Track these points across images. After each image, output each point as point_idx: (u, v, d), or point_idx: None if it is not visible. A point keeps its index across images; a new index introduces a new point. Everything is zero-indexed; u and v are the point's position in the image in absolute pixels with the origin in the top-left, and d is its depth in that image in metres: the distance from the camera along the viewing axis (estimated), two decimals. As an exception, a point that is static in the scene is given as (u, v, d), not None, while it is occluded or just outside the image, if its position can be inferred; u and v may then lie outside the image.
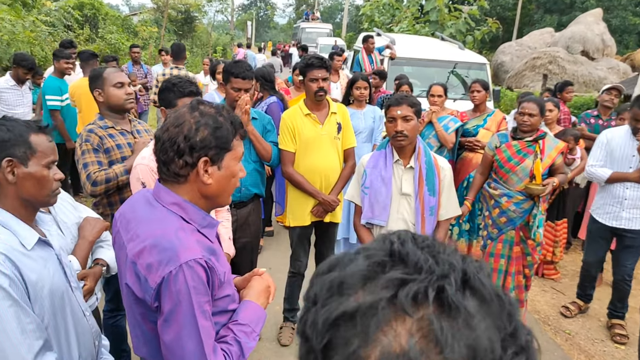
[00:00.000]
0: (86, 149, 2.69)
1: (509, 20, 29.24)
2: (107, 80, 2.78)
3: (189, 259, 1.32)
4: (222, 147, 1.41)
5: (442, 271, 0.51)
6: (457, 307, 0.49)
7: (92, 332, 1.76)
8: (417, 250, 0.54)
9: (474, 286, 0.51)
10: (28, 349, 1.42)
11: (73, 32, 13.22)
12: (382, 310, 0.49)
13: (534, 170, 3.58)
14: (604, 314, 4.26)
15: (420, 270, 0.51)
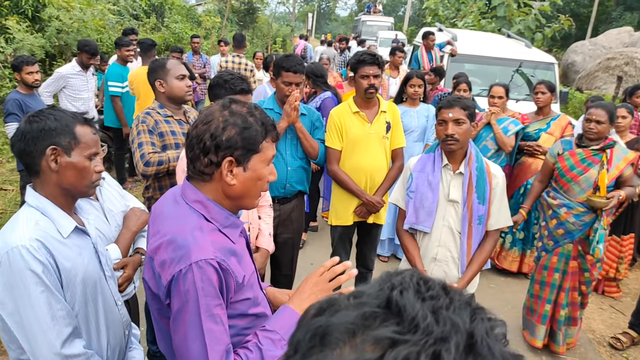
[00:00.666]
0: (142, 130, 2.77)
1: (583, 17, 27.63)
2: (170, 71, 2.86)
3: (200, 259, 1.29)
4: (249, 149, 1.37)
5: (442, 332, 0.45)
6: None
7: (123, 322, 1.78)
8: (416, 303, 0.48)
9: (480, 353, 0.45)
10: (57, 335, 1.45)
11: (140, 20, 13.66)
12: None
13: (598, 182, 3.34)
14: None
15: (415, 329, 0.45)
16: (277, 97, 3.12)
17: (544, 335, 3.67)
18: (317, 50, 17.60)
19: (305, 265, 4.64)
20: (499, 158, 4.60)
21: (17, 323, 1.46)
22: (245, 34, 20.26)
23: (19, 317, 1.45)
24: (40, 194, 1.57)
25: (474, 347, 0.45)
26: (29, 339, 1.45)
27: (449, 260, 2.51)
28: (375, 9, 29.89)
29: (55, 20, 8.10)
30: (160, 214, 1.46)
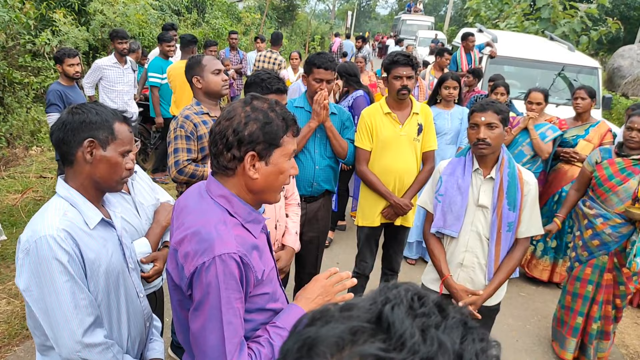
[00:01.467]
0: (179, 135, 2.79)
1: (633, 20, 26.60)
2: (206, 67, 2.92)
3: (223, 252, 1.32)
4: (271, 143, 1.40)
5: (428, 353, 0.44)
6: None
7: (144, 313, 1.82)
8: (406, 320, 0.47)
9: None
10: (79, 324, 1.50)
11: (182, 16, 13.90)
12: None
13: (638, 193, 3.22)
14: None
15: (402, 347, 0.44)
16: (308, 95, 3.12)
17: (575, 348, 3.57)
18: None
19: (332, 264, 4.64)
20: (535, 164, 4.49)
21: (42, 310, 1.51)
22: (283, 32, 20.43)
23: (44, 305, 1.50)
24: (70, 185, 1.62)
25: None
26: (52, 326, 1.50)
27: (476, 266, 2.46)
28: (416, 8, 29.62)
29: (99, 14, 8.34)
30: (185, 208, 1.49)
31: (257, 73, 2.65)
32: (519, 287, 4.71)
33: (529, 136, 4.39)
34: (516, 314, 4.23)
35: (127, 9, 8.52)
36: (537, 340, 3.88)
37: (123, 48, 5.49)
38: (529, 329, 4.02)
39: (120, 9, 8.34)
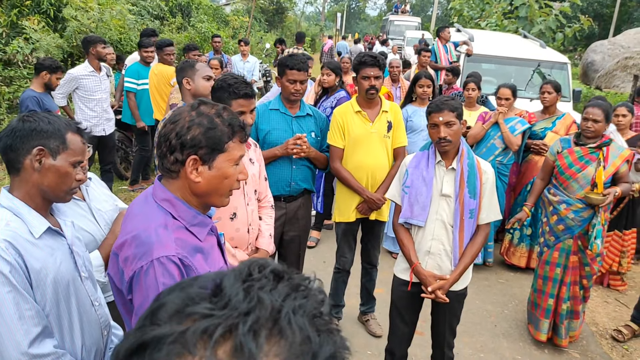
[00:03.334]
0: None
1: (606, 17, 27.22)
2: (198, 71, 3.06)
3: (162, 255, 1.35)
4: (214, 148, 1.44)
5: (246, 308, 0.48)
6: (241, 347, 0.46)
7: (100, 322, 1.77)
8: (236, 284, 0.51)
9: (281, 325, 0.48)
10: (24, 335, 1.46)
11: (166, 20, 13.79)
12: (170, 345, 0.47)
13: (595, 179, 3.47)
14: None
15: (225, 306, 0.49)
16: (283, 97, 3.24)
17: (548, 329, 3.79)
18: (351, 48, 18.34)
19: (318, 263, 4.82)
20: (507, 156, 4.75)
21: None
22: (272, 34, 20.50)
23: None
24: (15, 195, 1.59)
25: (278, 321, 0.48)
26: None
27: (442, 253, 2.63)
28: (403, 9, 29.89)
29: (74, 20, 8.17)
30: (130, 213, 1.54)
31: (224, 77, 2.58)
32: (498, 274, 4.95)
33: (500, 130, 4.65)
34: (495, 300, 4.47)
35: (103, 14, 8.43)
36: (514, 324, 4.11)
37: (106, 53, 5.45)
38: (506, 314, 4.25)
39: (96, 15, 8.24)
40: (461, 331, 3.70)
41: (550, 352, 3.77)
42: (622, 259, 4.68)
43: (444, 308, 2.72)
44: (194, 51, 6.69)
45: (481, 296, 4.48)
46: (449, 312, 2.75)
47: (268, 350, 0.47)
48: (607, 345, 3.94)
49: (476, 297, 4.43)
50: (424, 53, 7.18)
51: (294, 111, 3.26)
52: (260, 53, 16.67)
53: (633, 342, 4.00)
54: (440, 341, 2.84)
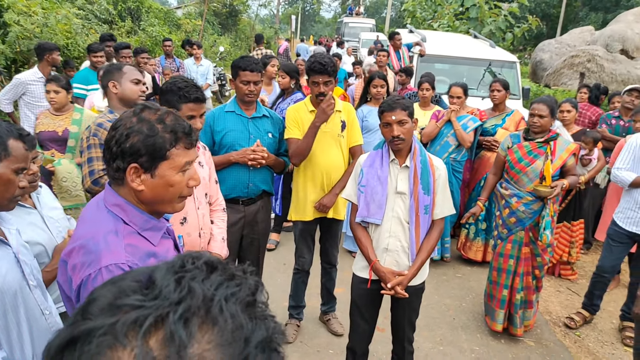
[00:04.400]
0: (93, 143, 2.69)
1: (553, 17, 28.45)
2: (125, 74, 2.88)
3: (110, 263, 1.32)
4: (155, 156, 1.40)
5: (178, 298, 0.49)
6: (172, 335, 0.47)
7: (52, 331, 1.67)
8: (167, 275, 0.52)
9: (213, 313, 0.49)
10: None
11: (115, 24, 13.46)
12: (100, 337, 0.47)
13: (544, 172, 3.59)
14: (618, 316, 4.22)
15: (157, 297, 0.50)
16: (238, 99, 3.21)
17: (503, 319, 3.90)
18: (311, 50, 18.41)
19: (279, 265, 4.81)
20: (460, 153, 4.86)
21: None
22: (226, 38, 20.28)
23: None
24: None
25: (210, 309, 0.49)
26: None
27: (400, 250, 2.67)
28: (357, 11, 30.22)
29: (16, 25, 7.87)
30: (82, 219, 1.49)
31: (174, 80, 2.51)
32: (455, 269, 5.07)
33: (453, 128, 4.76)
34: (453, 294, 4.56)
35: (48, 19, 8.11)
36: (471, 316, 4.21)
37: (58, 60, 5.35)
38: (464, 307, 4.35)
39: (40, 20, 7.93)
40: (421, 325, 3.77)
41: (507, 341, 3.89)
42: (571, 249, 4.87)
43: (404, 303, 2.76)
44: (142, 54, 6.56)
45: (440, 291, 4.57)
46: (408, 307, 2.79)
47: (200, 338, 0.48)
48: (560, 333, 4.09)
49: (435, 291, 4.51)
50: (380, 53, 7.27)
51: (250, 112, 3.23)
52: (214, 56, 16.50)
53: (584, 329, 4.17)
54: (401, 336, 2.87)
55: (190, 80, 2.51)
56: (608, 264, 4.03)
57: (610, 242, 4.02)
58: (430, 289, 4.52)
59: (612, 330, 4.17)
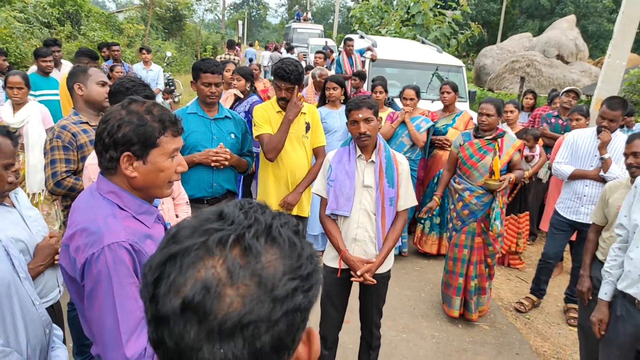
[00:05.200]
0: (56, 145, 2.74)
1: (494, 24, 29.85)
2: (91, 77, 2.89)
3: (112, 242, 1.43)
4: (146, 144, 1.51)
5: (248, 223, 0.66)
6: (249, 248, 0.64)
7: (42, 321, 1.79)
8: (236, 210, 0.69)
9: (273, 235, 0.67)
10: None
11: (54, 29, 13.09)
12: (196, 251, 0.63)
13: (492, 167, 3.87)
14: (562, 300, 4.58)
15: (232, 223, 0.66)
16: (200, 100, 3.28)
17: (460, 305, 4.16)
18: (262, 55, 18.60)
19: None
20: (414, 152, 5.12)
21: None
22: (171, 43, 20.00)
23: None
24: None
25: (270, 231, 0.67)
26: None
27: (367, 239, 2.84)
28: (305, 17, 30.47)
29: None
30: (76, 208, 1.59)
31: (121, 81, 2.57)
32: (413, 262, 5.31)
33: (407, 128, 5.01)
34: (412, 285, 4.80)
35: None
36: (430, 305, 4.46)
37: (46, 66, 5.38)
38: (423, 297, 4.59)
39: None
40: (384, 316, 3.93)
41: (464, 326, 4.14)
42: (519, 239, 5.22)
43: (372, 291, 2.93)
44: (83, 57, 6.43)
45: (400, 283, 4.79)
46: (376, 293, 2.96)
47: (266, 252, 0.65)
48: (511, 317, 4.39)
49: (395, 284, 4.73)
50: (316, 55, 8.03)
51: (212, 114, 3.30)
52: (160, 62, 16.30)
53: (533, 312, 4.49)
54: (369, 322, 3.04)
55: (137, 79, 2.57)
56: (552, 251, 4.37)
57: (553, 231, 4.36)
58: (390, 282, 4.62)
59: (558, 312, 4.52)
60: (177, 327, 0.62)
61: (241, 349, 0.61)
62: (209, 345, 0.61)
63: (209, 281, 0.61)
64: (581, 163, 4.12)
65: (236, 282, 0.62)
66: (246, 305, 0.61)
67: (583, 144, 4.13)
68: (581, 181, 4.09)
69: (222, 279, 0.62)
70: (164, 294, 0.63)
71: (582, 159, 4.12)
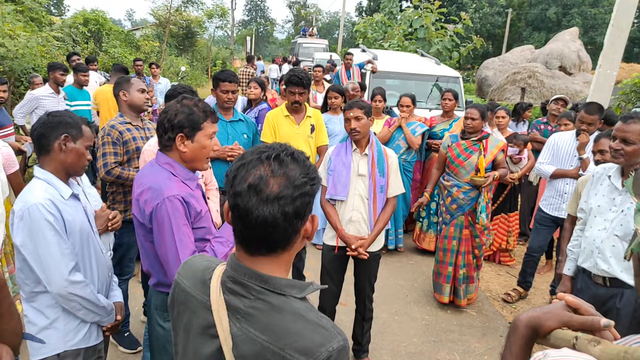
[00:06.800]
0: (107, 141, 3.32)
1: (499, 37, 30.35)
2: (133, 85, 3.48)
3: (170, 195, 1.97)
4: (194, 127, 2.08)
5: (281, 149, 1.13)
6: (282, 160, 1.10)
7: (107, 266, 2.33)
8: (276, 145, 1.16)
9: (295, 155, 1.13)
10: (65, 266, 2.00)
11: (79, 46, 13.94)
12: (251, 163, 1.10)
13: (478, 165, 4.28)
14: (548, 292, 4.94)
15: (273, 149, 1.13)
16: (218, 105, 3.81)
17: (449, 292, 4.53)
18: (270, 68, 19.77)
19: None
20: (410, 154, 5.54)
21: (35, 259, 1.95)
22: (183, 58, 20.75)
23: (37, 254, 1.95)
24: (45, 170, 2.08)
25: (294, 154, 1.12)
26: (45, 269, 1.96)
27: (361, 221, 3.28)
28: (311, 32, 31.12)
29: (0, 47, 8.34)
30: (141, 175, 2.15)
31: (174, 87, 3.29)
32: (409, 257, 5.70)
33: (403, 132, 5.44)
34: (406, 277, 5.19)
35: (29, 41, 8.59)
36: (422, 293, 4.84)
37: (63, 80, 5.93)
38: (416, 287, 4.98)
39: (22, 42, 8.37)
40: (378, 301, 4.37)
41: (453, 311, 4.52)
42: (509, 237, 5.60)
43: (365, 267, 3.36)
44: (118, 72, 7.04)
45: (394, 275, 5.19)
46: (369, 270, 3.39)
47: (291, 163, 1.11)
48: (498, 306, 4.76)
49: (390, 275, 5.13)
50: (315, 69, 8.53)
51: (228, 117, 3.83)
52: (172, 77, 16.98)
53: (520, 303, 4.86)
54: (363, 295, 3.46)
55: (187, 86, 3.23)
56: (536, 245, 4.74)
57: (537, 226, 4.73)
58: (386, 274, 5.13)
59: (544, 304, 4.88)
60: (245, 197, 1.09)
61: (277, 211, 1.08)
62: (261, 207, 1.08)
63: (262, 175, 1.08)
64: (562, 163, 4.49)
65: (275, 176, 1.08)
66: (280, 188, 1.08)
67: (564, 145, 4.51)
68: (562, 180, 4.46)
69: (268, 175, 1.08)
70: (238, 183, 1.10)
71: (563, 160, 4.50)
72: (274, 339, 1.07)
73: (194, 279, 1.24)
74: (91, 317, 2.16)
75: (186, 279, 1.26)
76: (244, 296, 1.11)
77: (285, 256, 1.17)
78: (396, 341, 4.00)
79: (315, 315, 1.12)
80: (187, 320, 1.23)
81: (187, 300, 1.23)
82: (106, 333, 2.31)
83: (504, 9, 30.85)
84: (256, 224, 1.08)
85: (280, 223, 1.08)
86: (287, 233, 1.12)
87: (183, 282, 1.26)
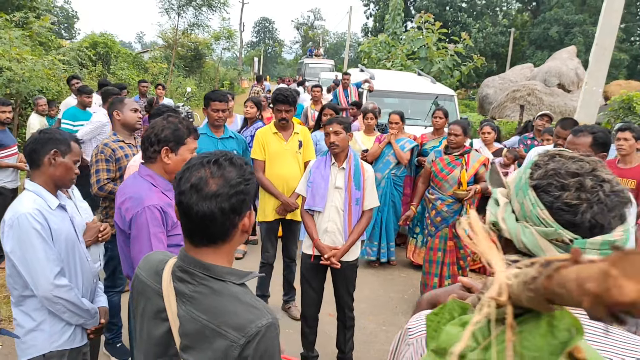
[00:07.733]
0: (100, 158, 3.52)
1: (502, 56, 30.64)
2: (126, 105, 3.68)
3: (149, 204, 2.15)
4: (178, 142, 2.31)
5: (220, 155, 1.30)
6: (221, 164, 1.27)
7: (92, 273, 2.49)
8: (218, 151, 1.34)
9: (233, 160, 1.29)
10: (51, 271, 2.14)
11: (86, 69, 14.34)
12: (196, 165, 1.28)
13: (460, 179, 4.44)
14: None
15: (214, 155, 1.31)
16: (209, 123, 4.02)
17: (436, 304, 4.65)
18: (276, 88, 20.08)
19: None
20: (399, 169, 5.70)
21: (23, 264, 2.11)
22: (192, 80, 21.25)
23: (25, 260, 2.11)
24: (35, 182, 2.24)
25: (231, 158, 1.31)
26: (32, 274, 2.12)
27: (336, 231, 3.42)
28: (317, 52, 31.62)
29: (7, 70, 8.56)
30: (124, 185, 2.37)
31: (159, 107, 3.50)
32: (400, 270, 5.82)
33: (392, 148, 5.61)
34: (397, 289, 5.30)
35: (35, 64, 8.83)
36: (411, 305, 4.94)
37: (89, 101, 6.29)
38: (405, 298, 5.09)
39: (29, 65, 8.62)
40: (367, 312, 4.49)
41: (439, 322, 4.61)
42: (496, 249, 5.69)
43: (342, 276, 3.51)
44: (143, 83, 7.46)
45: (385, 287, 5.31)
46: (345, 279, 3.53)
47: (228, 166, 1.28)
48: (485, 316, 4.84)
49: (380, 287, 5.25)
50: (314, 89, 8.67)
51: (219, 134, 4.05)
52: (179, 97, 17.37)
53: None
54: (342, 303, 3.59)
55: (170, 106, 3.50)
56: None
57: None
58: (376, 285, 5.26)
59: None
60: (188, 195, 1.26)
61: (215, 206, 1.25)
62: (201, 203, 1.25)
63: (202, 176, 1.26)
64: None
65: (213, 177, 1.26)
66: (217, 187, 1.25)
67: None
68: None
69: (207, 176, 1.25)
70: (183, 183, 1.27)
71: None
72: (212, 318, 1.24)
73: (150, 270, 1.41)
74: (75, 320, 2.31)
75: (144, 271, 1.43)
76: (189, 282, 1.29)
77: (226, 247, 1.34)
78: (382, 350, 4.10)
79: (250, 298, 1.30)
80: (143, 306, 1.40)
81: (144, 289, 1.40)
82: (90, 336, 2.45)
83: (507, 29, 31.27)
84: (197, 218, 1.26)
85: (218, 217, 1.26)
86: (225, 227, 1.29)
87: (141, 273, 1.44)
